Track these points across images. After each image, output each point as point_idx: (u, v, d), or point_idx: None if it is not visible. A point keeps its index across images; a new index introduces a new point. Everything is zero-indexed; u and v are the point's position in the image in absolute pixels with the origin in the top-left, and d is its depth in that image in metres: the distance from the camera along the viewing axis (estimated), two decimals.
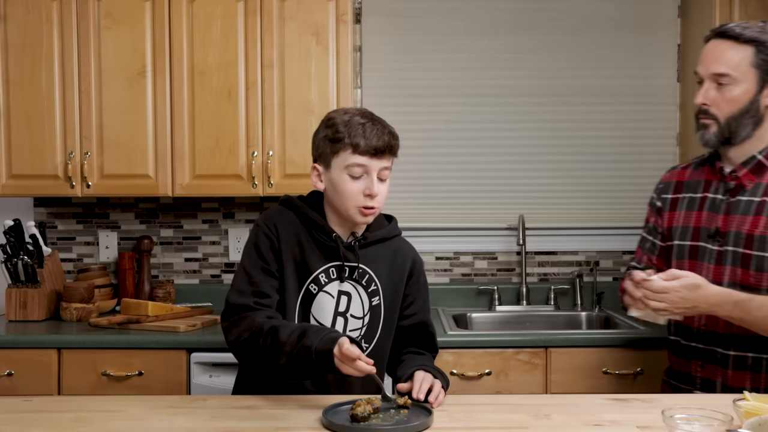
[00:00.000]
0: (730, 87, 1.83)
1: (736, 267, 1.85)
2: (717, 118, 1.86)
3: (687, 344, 1.97)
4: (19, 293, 2.96)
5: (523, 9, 3.33)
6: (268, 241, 1.81)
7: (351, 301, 1.85)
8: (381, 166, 1.78)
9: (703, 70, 1.88)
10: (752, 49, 1.83)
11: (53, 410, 1.71)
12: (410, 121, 3.32)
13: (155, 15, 2.94)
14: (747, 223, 1.85)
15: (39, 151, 2.96)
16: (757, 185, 1.87)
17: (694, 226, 1.95)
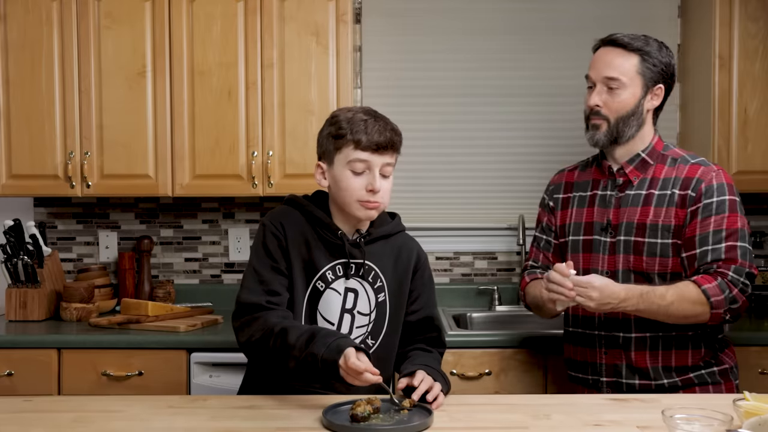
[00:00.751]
0: (620, 91, 2.03)
1: (629, 255, 2.04)
2: (608, 118, 2.05)
3: (591, 333, 2.12)
4: (19, 293, 2.96)
5: (522, 9, 3.33)
6: (276, 239, 1.83)
7: (358, 297, 1.87)
8: (383, 162, 1.80)
9: (596, 75, 2.06)
10: (638, 57, 2.03)
11: (53, 410, 1.71)
12: (410, 121, 3.31)
13: (155, 15, 2.94)
14: (637, 214, 2.04)
15: (39, 151, 2.96)
16: (643, 180, 2.07)
17: (586, 222, 2.13)
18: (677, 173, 2.05)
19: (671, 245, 2.01)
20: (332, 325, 1.85)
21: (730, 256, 1.96)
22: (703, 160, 2.08)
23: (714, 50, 2.97)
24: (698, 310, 1.93)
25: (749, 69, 2.96)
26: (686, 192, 2.01)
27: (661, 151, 2.10)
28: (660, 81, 2.07)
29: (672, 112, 3.32)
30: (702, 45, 3.08)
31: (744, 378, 2.63)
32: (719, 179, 2.02)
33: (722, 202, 1.99)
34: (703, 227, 1.98)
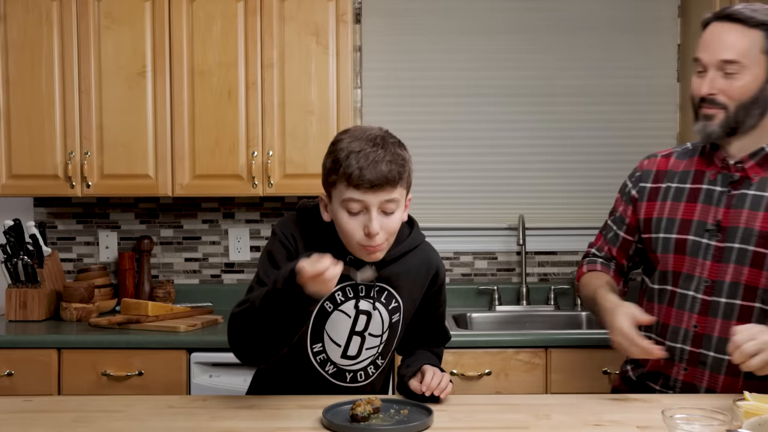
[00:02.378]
0: (739, 75, 1.71)
1: (743, 266, 1.74)
2: (726, 106, 1.73)
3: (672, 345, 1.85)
4: (19, 293, 2.96)
5: (522, 9, 3.33)
6: (285, 250, 1.71)
7: (370, 320, 1.75)
8: (380, 200, 1.60)
9: (708, 57, 1.74)
10: (762, 33, 1.71)
11: (53, 410, 1.71)
12: (410, 121, 3.32)
13: (155, 15, 2.94)
14: (758, 219, 1.73)
15: (39, 151, 2.96)
16: (764, 179, 1.76)
17: (683, 218, 1.82)
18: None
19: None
20: (339, 347, 1.76)
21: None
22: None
23: None
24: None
25: None
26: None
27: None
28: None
29: (672, 113, 3.32)
30: None
31: None
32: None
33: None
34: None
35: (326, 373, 1.78)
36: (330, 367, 1.78)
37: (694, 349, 1.80)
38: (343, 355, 1.77)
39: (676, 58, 3.31)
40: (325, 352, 1.77)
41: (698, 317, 1.79)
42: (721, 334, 1.77)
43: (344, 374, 1.79)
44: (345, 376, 1.79)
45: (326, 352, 1.77)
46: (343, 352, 1.77)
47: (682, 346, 1.82)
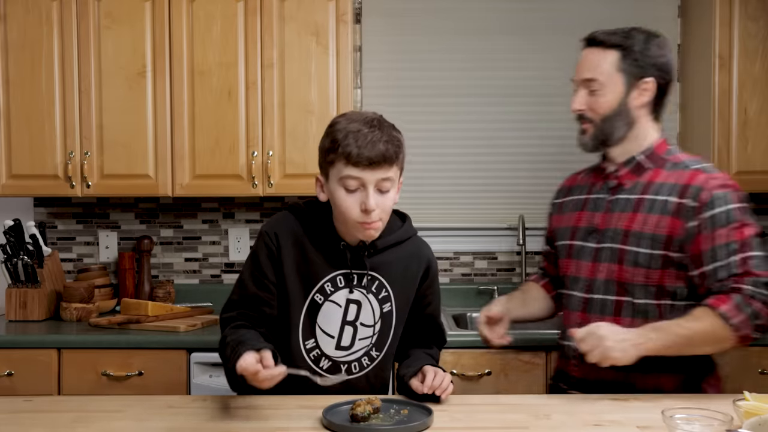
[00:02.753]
0: (600, 92, 1.90)
1: (614, 264, 1.87)
2: (593, 120, 1.92)
3: (566, 344, 1.97)
4: (19, 293, 2.96)
5: (522, 9, 3.33)
6: (267, 250, 1.76)
7: (361, 309, 1.78)
8: (377, 178, 1.66)
9: (576, 77, 1.97)
10: (617, 54, 1.89)
11: (53, 410, 1.71)
12: (410, 121, 3.31)
13: (155, 15, 2.94)
14: (624, 220, 1.88)
15: (39, 151, 2.96)
16: (636, 183, 1.91)
17: (574, 226, 1.99)
18: (675, 179, 1.85)
19: (660, 257, 1.82)
20: (332, 338, 1.78)
21: (745, 269, 1.75)
22: (705, 166, 1.88)
23: (714, 50, 2.97)
24: (720, 334, 1.73)
25: (749, 69, 2.96)
26: (684, 200, 1.81)
27: (662, 154, 1.92)
28: (647, 75, 1.89)
29: (672, 113, 3.32)
30: (702, 45, 3.08)
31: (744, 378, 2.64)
32: (723, 186, 1.82)
33: (729, 211, 1.79)
34: (712, 241, 1.78)
35: (321, 369, 1.79)
36: (324, 362, 1.80)
37: None
38: (336, 346, 1.79)
39: (676, 58, 3.31)
40: (318, 347, 1.78)
41: (581, 315, 1.93)
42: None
43: (339, 367, 1.80)
44: (340, 369, 1.80)
45: (320, 346, 1.78)
46: (337, 344, 1.79)
47: (572, 343, 1.89)
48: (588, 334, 1.70)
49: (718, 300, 1.74)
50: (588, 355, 1.69)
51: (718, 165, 2.97)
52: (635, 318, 1.84)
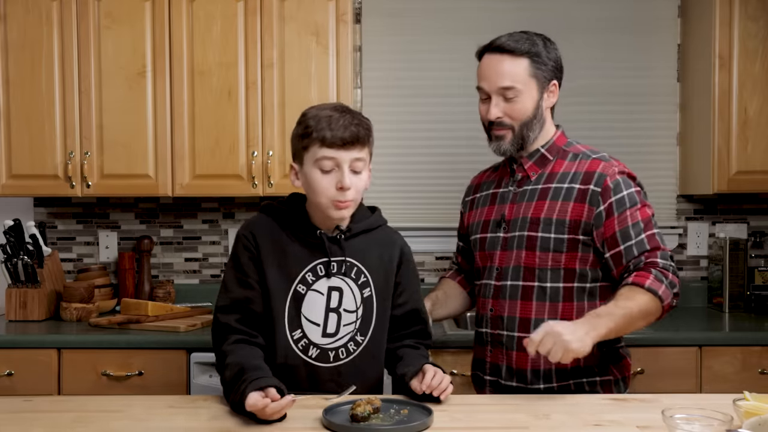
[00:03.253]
0: (518, 98, 1.97)
1: (521, 250, 1.96)
2: (512, 126, 1.98)
3: (480, 330, 2.07)
4: (19, 293, 2.96)
5: (523, 9, 3.33)
6: (247, 252, 1.82)
7: (343, 295, 1.84)
8: (351, 158, 1.76)
9: (489, 86, 1.98)
10: (528, 60, 1.98)
11: (53, 410, 1.71)
12: (410, 121, 3.32)
13: (155, 15, 2.94)
14: (532, 208, 1.97)
15: (39, 151, 2.96)
16: (541, 175, 2.02)
17: (484, 220, 2.09)
18: (577, 168, 1.98)
19: (566, 240, 1.92)
20: (318, 326, 1.82)
21: (654, 244, 1.89)
22: (603, 156, 2.00)
23: (714, 50, 2.97)
24: (652, 307, 1.83)
25: (749, 69, 2.96)
26: (588, 186, 1.93)
27: (562, 146, 2.05)
28: (553, 78, 2.04)
29: (672, 112, 3.32)
30: (702, 45, 3.08)
31: (744, 378, 2.64)
32: (621, 173, 1.95)
33: (631, 194, 1.92)
34: (621, 222, 1.90)
35: (310, 358, 1.82)
36: (313, 351, 1.82)
37: (493, 331, 2.02)
38: (323, 333, 1.83)
39: (676, 58, 3.31)
40: (305, 336, 1.82)
41: (492, 301, 2.02)
42: (509, 313, 1.99)
43: (327, 354, 1.83)
44: (328, 356, 1.83)
45: (307, 336, 1.82)
46: (323, 331, 1.83)
47: (486, 329, 2.05)
48: (544, 334, 1.71)
49: (639, 276, 1.85)
50: (550, 354, 1.69)
51: (718, 165, 2.99)
52: (544, 302, 1.95)
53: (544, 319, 1.89)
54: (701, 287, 3.32)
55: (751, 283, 3.16)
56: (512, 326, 1.98)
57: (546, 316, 1.93)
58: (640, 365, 2.65)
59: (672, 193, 3.33)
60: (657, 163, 3.32)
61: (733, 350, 2.69)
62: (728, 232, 3.30)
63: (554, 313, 1.93)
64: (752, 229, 3.34)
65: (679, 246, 3.35)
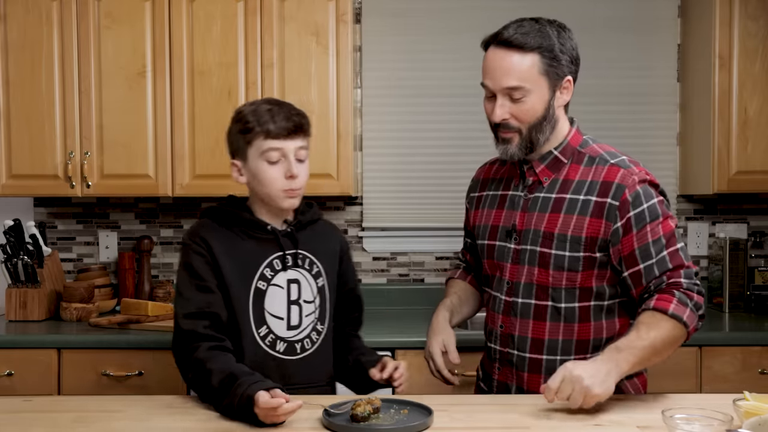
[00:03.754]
0: (526, 99, 1.77)
1: (534, 267, 1.81)
2: (519, 129, 1.80)
3: (490, 346, 1.95)
4: (19, 293, 2.96)
5: (523, 9, 3.29)
6: (200, 257, 1.79)
7: (301, 287, 1.87)
8: (296, 147, 1.81)
9: (494, 84, 1.78)
10: (538, 56, 1.77)
11: (53, 410, 1.71)
12: (411, 121, 3.32)
13: (155, 15, 2.94)
14: (545, 221, 1.81)
15: (39, 151, 2.96)
16: (555, 181, 1.83)
17: (493, 225, 1.92)
18: (594, 176, 1.79)
19: (582, 259, 1.77)
20: (282, 320, 1.84)
21: (677, 262, 1.74)
22: (622, 160, 1.82)
23: (714, 50, 2.97)
24: (678, 335, 1.70)
25: (749, 69, 2.96)
26: (605, 200, 1.76)
27: (577, 147, 1.84)
28: (568, 73, 1.81)
29: (672, 112, 3.32)
30: (702, 45, 3.08)
31: (744, 378, 2.64)
32: (642, 181, 1.78)
33: (653, 206, 1.76)
34: (641, 239, 1.74)
35: (278, 352, 1.84)
36: (280, 345, 1.84)
37: (503, 349, 1.90)
38: (288, 327, 1.85)
39: (676, 58, 3.31)
40: (271, 332, 1.83)
41: (503, 318, 1.88)
42: (521, 333, 1.85)
43: (294, 347, 1.86)
44: (295, 348, 1.86)
45: (272, 331, 1.83)
46: (288, 324, 1.85)
47: (494, 346, 1.92)
48: (562, 380, 1.60)
49: (662, 301, 1.71)
50: (570, 401, 1.59)
51: (718, 165, 2.98)
52: (558, 322, 1.81)
53: (558, 341, 1.81)
54: None
55: (751, 283, 3.16)
56: (524, 346, 1.84)
57: (561, 337, 1.81)
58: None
59: (672, 193, 3.33)
60: (657, 163, 3.32)
61: (733, 350, 2.69)
62: (728, 232, 3.30)
63: (570, 334, 1.81)
64: (752, 229, 3.34)
65: None
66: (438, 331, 1.95)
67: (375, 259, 3.34)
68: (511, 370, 1.88)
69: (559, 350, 1.82)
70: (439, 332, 1.95)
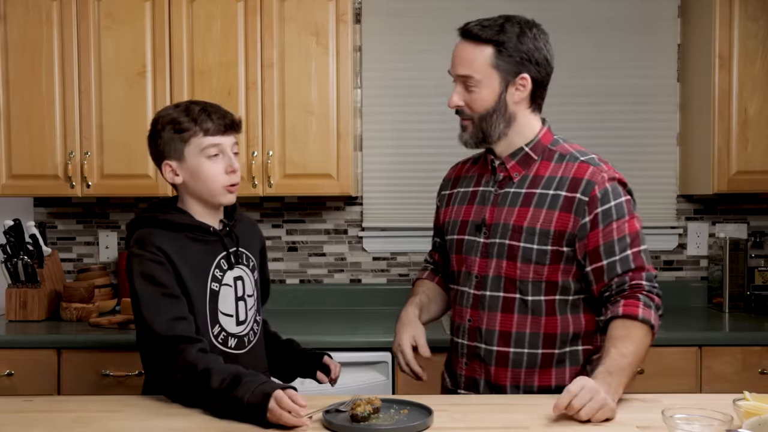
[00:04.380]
0: (476, 89, 1.84)
1: (502, 260, 1.84)
2: (472, 118, 1.88)
3: (457, 341, 1.95)
4: (19, 293, 2.96)
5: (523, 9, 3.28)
6: (159, 265, 1.77)
7: (244, 283, 1.91)
8: (232, 143, 1.86)
9: (453, 72, 1.89)
10: (492, 49, 1.82)
11: (53, 410, 1.71)
12: (410, 121, 3.32)
13: (155, 15, 2.94)
14: (514, 214, 1.84)
15: (39, 151, 2.96)
16: (525, 177, 1.86)
17: (463, 220, 1.94)
18: (564, 172, 1.83)
19: (550, 252, 1.80)
20: (231, 317, 1.86)
21: (639, 264, 1.78)
22: (592, 158, 1.85)
23: (714, 50, 2.97)
24: (649, 339, 1.75)
25: (749, 69, 2.96)
26: (575, 195, 1.79)
27: (548, 145, 1.88)
28: (523, 71, 1.83)
29: (672, 112, 3.32)
30: (702, 45, 3.08)
31: (744, 378, 2.64)
32: (611, 179, 1.81)
33: (620, 205, 1.80)
34: (606, 236, 1.78)
35: (230, 348, 1.87)
36: (232, 341, 1.87)
37: (470, 343, 1.90)
38: (237, 322, 1.88)
39: (676, 58, 3.31)
40: (223, 329, 1.86)
41: (471, 311, 1.89)
42: (488, 326, 1.86)
43: (243, 341, 1.90)
44: (244, 342, 1.90)
45: (224, 329, 1.86)
46: (237, 320, 1.88)
47: (462, 341, 1.92)
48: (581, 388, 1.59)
49: (630, 306, 1.74)
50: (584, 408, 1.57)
51: (718, 165, 2.98)
52: (526, 315, 1.83)
53: (526, 333, 1.83)
54: (701, 287, 3.32)
55: (751, 283, 3.16)
56: (491, 339, 1.86)
57: (528, 330, 1.83)
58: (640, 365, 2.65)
59: (672, 193, 3.33)
60: (657, 163, 3.32)
61: (733, 350, 2.69)
62: (728, 232, 3.30)
63: (537, 327, 1.83)
64: (752, 229, 3.34)
65: (679, 246, 3.35)
66: (408, 325, 1.95)
67: (375, 259, 3.34)
68: (479, 364, 1.89)
69: (526, 343, 1.84)
70: (409, 326, 1.94)
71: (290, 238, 3.30)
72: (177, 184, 1.89)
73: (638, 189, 3.27)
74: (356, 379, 2.64)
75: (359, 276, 3.34)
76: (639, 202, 3.47)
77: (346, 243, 3.33)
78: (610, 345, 1.73)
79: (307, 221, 3.29)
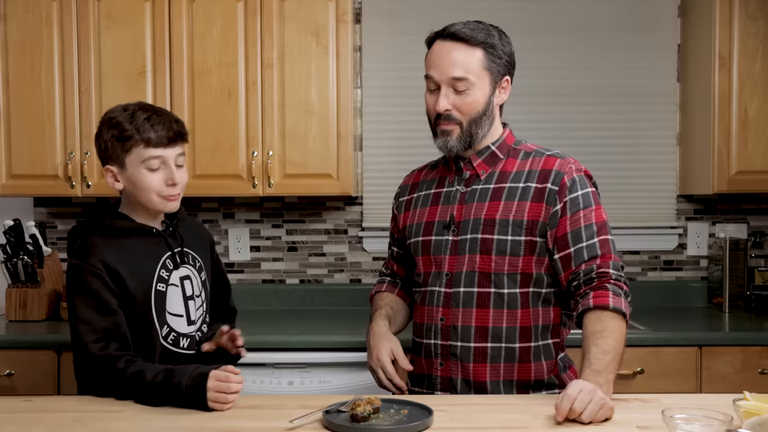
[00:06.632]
0: (469, 91, 1.85)
1: (475, 254, 1.83)
2: (460, 122, 1.86)
3: (428, 342, 1.91)
4: (19, 293, 2.96)
5: (523, 9, 3.33)
6: (98, 278, 1.76)
7: (191, 282, 1.91)
8: (176, 154, 1.82)
9: (440, 75, 1.89)
10: (483, 51, 1.86)
11: (53, 410, 1.71)
12: (410, 121, 3.32)
13: (155, 15, 2.94)
14: (485, 209, 1.85)
15: (39, 151, 2.96)
16: (492, 174, 1.89)
17: (427, 221, 1.93)
18: (532, 166, 1.86)
19: (524, 243, 1.81)
20: (181, 317, 1.87)
21: (605, 251, 1.79)
22: (557, 153, 1.89)
23: (714, 50, 2.97)
24: (624, 328, 1.75)
25: (749, 69, 2.96)
26: (545, 185, 1.82)
27: (512, 145, 1.92)
28: (506, 73, 1.89)
29: (672, 112, 3.32)
30: (702, 45, 3.08)
31: (744, 378, 2.64)
32: (579, 170, 1.86)
33: (587, 194, 1.84)
34: (574, 223, 1.80)
35: (182, 349, 1.87)
36: (183, 341, 1.88)
37: (444, 342, 1.88)
38: (188, 322, 1.89)
39: (676, 58, 3.31)
40: (173, 330, 1.86)
41: (443, 310, 1.88)
42: (464, 323, 1.85)
43: (194, 341, 1.90)
44: (195, 341, 1.90)
45: (174, 329, 1.86)
46: (187, 320, 1.89)
47: (434, 341, 1.90)
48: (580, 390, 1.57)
49: (599, 297, 1.75)
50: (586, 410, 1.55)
51: (718, 165, 2.99)
52: (502, 309, 1.83)
53: (503, 328, 1.83)
54: (701, 287, 3.32)
55: (751, 283, 3.16)
56: (467, 336, 1.84)
57: (504, 324, 1.83)
58: (640, 365, 2.65)
59: (672, 193, 3.33)
60: (657, 163, 3.32)
61: (733, 350, 2.69)
62: (728, 232, 3.30)
63: (513, 321, 1.83)
64: (752, 229, 3.34)
65: (679, 246, 3.35)
66: (383, 339, 1.91)
67: (375, 259, 3.34)
68: (455, 363, 1.87)
69: (503, 338, 1.84)
70: (385, 340, 1.91)
71: (290, 238, 3.31)
72: (117, 190, 1.87)
73: (638, 189, 3.31)
74: (356, 379, 2.64)
75: (359, 276, 3.34)
76: (639, 203, 3.50)
77: (346, 243, 3.33)
78: (590, 343, 1.73)
79: (307, 221, 3.29)
